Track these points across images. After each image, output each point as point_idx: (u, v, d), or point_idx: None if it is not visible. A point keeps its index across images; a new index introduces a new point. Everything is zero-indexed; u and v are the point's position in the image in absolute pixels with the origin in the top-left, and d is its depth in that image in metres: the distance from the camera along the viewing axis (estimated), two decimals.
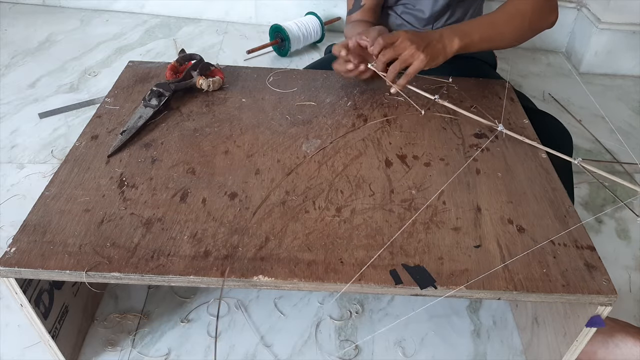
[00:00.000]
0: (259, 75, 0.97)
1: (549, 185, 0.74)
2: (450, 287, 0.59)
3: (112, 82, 0.93)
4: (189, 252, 0.62)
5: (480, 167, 0.77)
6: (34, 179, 1.12)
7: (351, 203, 0.69)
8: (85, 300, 0.81)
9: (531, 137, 0.84)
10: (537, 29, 0.91)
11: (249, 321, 0.85)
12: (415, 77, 0.82)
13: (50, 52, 1.65)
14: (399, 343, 0.83)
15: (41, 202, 0.67)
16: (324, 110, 0.88)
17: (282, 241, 0.64)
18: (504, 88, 0.97)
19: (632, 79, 1.72)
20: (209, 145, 0.79)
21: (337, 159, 0.77)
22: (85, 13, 1.91)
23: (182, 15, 1.92)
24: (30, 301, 0.64)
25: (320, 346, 0.82)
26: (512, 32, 0.90)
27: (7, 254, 0.60)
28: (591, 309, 0.62)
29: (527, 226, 0.67)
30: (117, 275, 0.59)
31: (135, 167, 0.74)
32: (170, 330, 0.83)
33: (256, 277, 0.59)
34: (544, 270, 0.61)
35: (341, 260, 0.62)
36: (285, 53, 1.68)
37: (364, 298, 0.90)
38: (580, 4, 1.75)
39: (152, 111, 0.83)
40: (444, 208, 0.70)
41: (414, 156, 0.79)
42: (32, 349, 0.79)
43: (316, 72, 1.00)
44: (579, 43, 1.76)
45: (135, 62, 1.00)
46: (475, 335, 0.85)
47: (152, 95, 0.85)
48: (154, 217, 0.66)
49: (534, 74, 1.72)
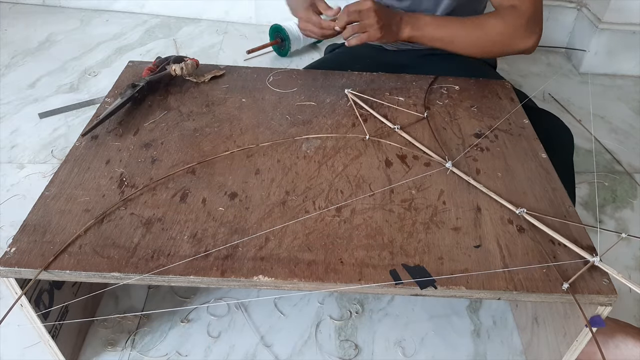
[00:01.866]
0: (259, 75, 0.97)
1: (549, 185, 0.74)
2: (450, 287, 0.59)
3: (112, 82, 0.93)
4: (189, 252, 0.61)
5: (480, 167, 0.77)
6: (34, 179, 1.12)
7: (351, 203, 0.69)
8: (85, 300, 0.81)
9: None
10: (507, 49, 0.92)
11: (249, 321, 0.85)
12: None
13: (50, 52, 1.65)
14: (399, 343, 0.83)
15: (41, 202, 0.67)
16: (324, 110, 0.88)
17: (282, 241, 0.64)
18: (504, 88, 0.97)
19: (632, 79, 1.72)
20: (209, 145, 0.79)
21: (337, 159, 0.77)
22: (85, 13, 1.91)
23: (182, 15, 1.92)
24: (30, 301, 0.65)
25: (320, 346, 0.82)
26: (468, 42, 0.92)
27: (7, 254, 0.60)
28: (591, 309, 0.62)
29: (527, 226, 0.67)
30: (117, 275, 0.59)
31: (135, 167, 0.74)
32: (170, 330, 0.83)
33: (256, 277, 0.59)
34: (544, 270, 0.61)
35: (341, 260, 0.62)
36: (285, 53, 1.68)
37: (364, 298, 0.90)
38: (580, 4, 1.75)
39: (126, 98, 0.84)
40: (444, 208, 0.70)
41: (414, 156, 0.79)
42: (32, 349, 0.79)
43: (316, 72, 1.00)
44: (579, 43, 1.76)
45: (135, 62, 1.00)
46: (475, 335, 0.85)
47: (127, 88, 0.86)
48: (154, 217, 0.66)
49: (534, 74, 1.72)
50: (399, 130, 0.83)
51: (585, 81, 1.69)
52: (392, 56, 1.11)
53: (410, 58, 1.10)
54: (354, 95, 0.91)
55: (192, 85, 0.93)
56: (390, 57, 1.10)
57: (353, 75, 0.98)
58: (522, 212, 0.67)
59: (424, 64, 1.08)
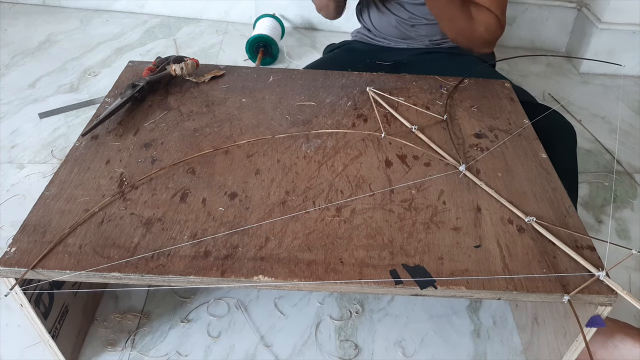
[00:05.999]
0: (259, 75, 0.97)
1: (549, 185, 0.74)
2: (450, 287, 0.59)
3: (112, 82, 0.93)
4: (189, 252, 0.62)
5: (480, 167, 0.77)
6: (34, 179, 1.12)
7: (351, 203, 0.69)
8: (85, 300, 0.81)
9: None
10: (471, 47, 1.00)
11: (249, 321, 0.85)
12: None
13: (50, 52, 1.65)
14: (399, 343, 0.83)
15: (41, 202, 0.67)
16: (324, 110, 0.88)
17: (282, 241, 0.64)
18: (504, 88, 0.97)
19: (632, 79, 1.72)
20: (209, 145, 0.79)
21: (337, 159, 0.77)
22: (85, 13, 1.91)
23: (182, 15, 1.92)
24: (30, 301, 0.64)
25: (320, 346, 0.82)
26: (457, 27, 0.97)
27: (7, 254, 0.60)
28: (591, 309, 0.62)
29: (527, 226, 0.67)
30: (117, 275, 0.59)
31: (135, 167, 0.74)
32: (170, 330, 0.83)
33: (256, 277, 0.59)
34: (544, 270, 0.61)
35: (341, 260, 0.62)
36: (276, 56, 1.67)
37: (364, 298, 0.90)
38: (580, 4, 1.75)
39: (126, 98, 0.84)
40: (444, 208, 0.70)
41: (414, 156, 0.79)
42: (32, 349, 0.79)
43: (316, 72, 1.00)
44: (579, 43, 1.76)
45: (135, 62, 1.00)
46: (475, 335, 0.85)
47: (127, 88, 0.86)
48: (154, 217, 0.66)
49: (534, 74, 1.72)
50: (416, 130, 0.82)
51: (585, 81, 1.69)
52: (390, 55, 1.11)
53: (410, 56, 1.10)
54: (375, 93, 0.90)
55: (192, 85, 0.93)
56: (387, 56, 1.11)
57: (353, 75, 0.98)
58: (532, 220, 0.67)
59: (424, 62, 1.08)
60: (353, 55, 1.13)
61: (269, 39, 1.62)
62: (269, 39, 1.62)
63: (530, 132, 0.85)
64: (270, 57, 1.66)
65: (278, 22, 1.73)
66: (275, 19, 1.73)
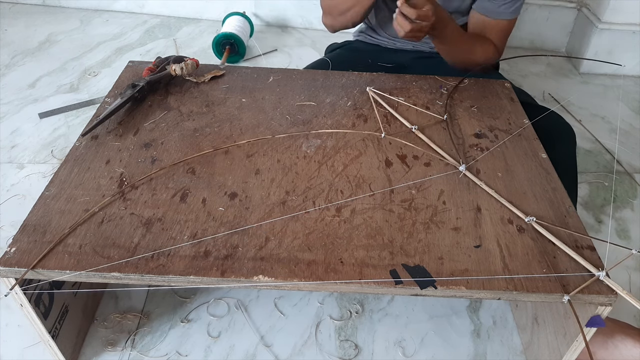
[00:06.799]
0: (259, 75, 0.97)
1: (549, 185, 0.74)
2: (450, 287, 0.59)
3: (112, 82, 0.93)
4: (189, 252, 0.62)
5: (480, 167, 0.77)
6: (34, 179, 1.12)
7: (351, 203, 0.69)
8: (85, 300, 0.81)
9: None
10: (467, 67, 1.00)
11: (249, 321, 0.85)
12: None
13: (50, 52, 1.65)
14: (399, 343, 0.83)
15: (41, 202, 0.67)
16: (324, 110, 0.88)
17: (282, 241, 0.64)
18: (504, 88, 0.97)
19: (632, 79, 1.72)
20: (209, 145, 0.79)
21: (337, 159, 0.77)
22: (85, 13, 1.91)
23: (182, 15, 1.92)
24: (30, 301, 0.64)
25: (320, 346, 0.82)
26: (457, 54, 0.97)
27: (7, 254, 0.60)
28: (591, 309, 0.62)
29: (527, 226, 0.67)
30: (117, 275, 0.59)
31: (135, 167, 0.74)
32: (170, 330, 0.83)
33: (256, 277, 0.59)
34: (544, 270, 0.61)
35: (341, 260, 0.62)
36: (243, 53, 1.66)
37: (364, 298, 0.90)
38: (580, 4, 1.75)
39: (126, 98, 0.84)
40: (444, 208, 0.70)
41: (414, 156, 0.79)
42: (32, 349, 0.79)
43: (316, 72, 1.00)
44: (579, 43, 1.76)
45: (135, 62, 1.00)
46: (475, 335, 0.85)
47: (127, 88, 0.86)
48: (154, 217, 0.66)
49: (534, 74, 1.72)
50: (416, 130, 0.82)
51: (585, 81, 1.69)
52: (392, 56, 1.11)
53: (410, 59, 1.10)
54: (375, 93, 0.90)
55: (192, 85, 0.93)
56: (390, 57, 1.10)
57: (353, 75, 0.98)
58: (532, 220, 0.67)
59: (424, 64, 1.08)
60: (355, 55, 1.12)
61: (236, 37, 1.63)
62: (236, 37, 1.63)
63: (530, 132, 0.85)
64: (237, 54, 1.67)
65: (247, 20, 1.74)
66: (244, 17, 1.74)
